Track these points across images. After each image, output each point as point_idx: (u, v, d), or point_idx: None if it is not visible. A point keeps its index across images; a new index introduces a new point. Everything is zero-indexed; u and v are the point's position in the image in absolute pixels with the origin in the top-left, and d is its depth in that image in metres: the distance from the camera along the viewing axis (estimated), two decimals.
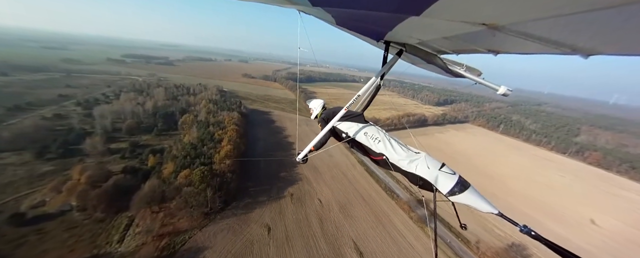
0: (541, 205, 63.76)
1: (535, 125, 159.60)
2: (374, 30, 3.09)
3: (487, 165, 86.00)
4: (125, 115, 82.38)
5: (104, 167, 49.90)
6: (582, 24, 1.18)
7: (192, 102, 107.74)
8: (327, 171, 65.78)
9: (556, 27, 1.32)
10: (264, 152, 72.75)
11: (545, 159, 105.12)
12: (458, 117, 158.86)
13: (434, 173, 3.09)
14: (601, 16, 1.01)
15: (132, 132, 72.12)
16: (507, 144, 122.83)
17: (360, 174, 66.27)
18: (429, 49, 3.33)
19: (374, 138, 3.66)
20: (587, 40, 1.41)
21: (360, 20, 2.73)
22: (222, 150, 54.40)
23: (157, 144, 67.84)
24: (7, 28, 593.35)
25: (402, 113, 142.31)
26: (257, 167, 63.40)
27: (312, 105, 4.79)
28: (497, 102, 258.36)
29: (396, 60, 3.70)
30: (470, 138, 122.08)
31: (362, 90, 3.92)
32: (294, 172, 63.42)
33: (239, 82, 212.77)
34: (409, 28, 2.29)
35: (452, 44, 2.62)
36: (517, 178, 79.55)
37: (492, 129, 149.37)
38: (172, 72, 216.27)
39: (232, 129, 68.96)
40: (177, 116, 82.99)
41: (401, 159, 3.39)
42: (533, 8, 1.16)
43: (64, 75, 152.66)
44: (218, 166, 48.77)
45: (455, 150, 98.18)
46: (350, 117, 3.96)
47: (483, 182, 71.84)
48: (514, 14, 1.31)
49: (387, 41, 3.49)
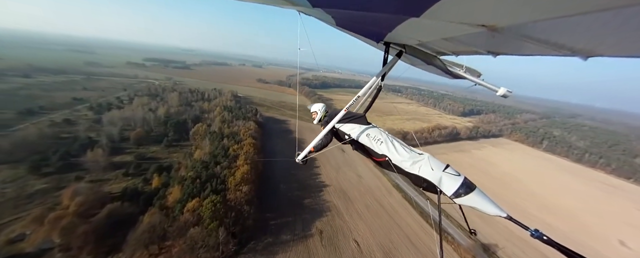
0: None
1: (583, 143, 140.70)
2: (374, 32, 3.07)
3: (547, 194, 71.69)
4: (135, 123, 76.30)
5: (100, 190, 42.14)
6: (580, 26, 1.18)
7: (206, 109, 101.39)
8: (358, 198, 55.10)
9: (555, 28, 1.33)
10: (283, 169, 63.39)
11: (610, 186, 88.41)
12: (492, 131, 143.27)
13: (438, 175, 2.99)
14: (600, 18, 1.01)
15: (140, 142, 65.30)
16: (557, 165, 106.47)
17: (399, 203, 54.99)
18: (429, 50, 3.33)
19: (377, 140, 3.59)
20: (586, 42, 1.42)
21: (360, 21, 2.75)
22: (238, 171, 45.42)
23: (165, 158, 60.31)
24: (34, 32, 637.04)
25: (431, 125, 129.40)
26: (276, 190, 53.90)
27: (314, 109, 4.66)
28: (528, 113, 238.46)
29: (396, 61, 3.68)
30: (512, 157, 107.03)
31: (362, 91, 3.87)
32: (319, 198, 53.29)
33: (253, 87, 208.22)
34: (408, 29, 2.30)
35: (451, 45, 2.61)
36: (589, 212, 64.93)
37: (533, 145, 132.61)
38: (188, 76, 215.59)
39: (249, 143, 60.28)
40: (189, 125, 75.91)
41: (404, 160, 3.30)
42: (532, 10, 1.16)
43: (84, 77, 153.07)
44: (233, 195, 39.64)
45: (503, 172, 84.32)
46: (353, 119, 3.92)
47: (556, 222, 58.25)
48: (513, 15, 1.32)
49: (387, 42, 3.45)
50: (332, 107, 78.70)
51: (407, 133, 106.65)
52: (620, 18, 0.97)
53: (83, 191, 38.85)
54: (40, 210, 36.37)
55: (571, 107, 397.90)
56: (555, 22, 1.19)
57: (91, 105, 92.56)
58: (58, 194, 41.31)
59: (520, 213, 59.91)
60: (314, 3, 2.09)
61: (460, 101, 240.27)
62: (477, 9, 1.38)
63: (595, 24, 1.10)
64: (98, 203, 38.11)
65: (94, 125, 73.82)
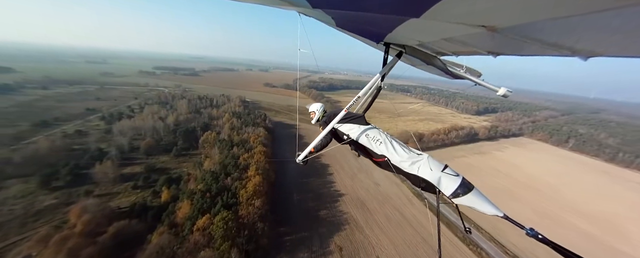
0: None
1: (612, 140, 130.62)
2: (374, 32, 3.09)
3: (583, 200, 65.30)
4: (145, 132, 75.63)
5: (108, 206, 40.43)
6: (580, 26, 1.18)
7: (215, 115, 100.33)
8: (377, 208, 51.30)
9: (555, 29, 1.33)
10: (294, 177, 60.49)
11: None
12: (511, 130, 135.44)
13: (437, 175, 3.03)
14: (600, 18, 1.01)
15: (149, 152, 64.12)
16: (588, 166, 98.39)
17: (422, 213, 50.77)
18: (429, 50, 3.33)
19: (376, 140, 3.62)
20: (587, 42, 1.42)
21: (360, 22, 2.77)
22: (250, 183, 42.78)
23: (175, 168, 58.63)
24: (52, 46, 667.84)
25: (447, 126, 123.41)
26: (289, 200, 50.97)
27: (312, 109, 4.63)
28: (547, 110, 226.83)
29: (396, 61, 3.70)
30: (538, 158, 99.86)
31: (362, 92, 3.87)
32: (336, 209, 49.89)
33: (261, 91, 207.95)
34: (408, 30, 2.30)
35: (451, 45, 2.62)
36: (632, 219, 58.29)
37: (558, 144, 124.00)
38: (197, 82, 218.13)
39: (259, 151, 57.78)
40: (198, 133, 74.50)
41: (403, 161, 3.33)
42: (532, 10, 1.16)
43: (97, 87, 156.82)
44: (245, 210, 36.89)
45: (529, 175, 78.06)
46: (352, 119, 3.93)
47: (597, 231, 52.39)
48: (512, 16, 1.33)
49: (387, 43, 3.46)
50: (340, 108, 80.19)
51: (422, 135, 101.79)
52: (621, 18, 0.97)
53: (91, 208, 37.13)
54: (47, 229, 34.84)
55: (590, 102, 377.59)
56: (555, 22, 1.19)
57: (103, 115, 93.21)
58: (67, 210, 39.91)
59: (557, 222, 54.31)
60: (314, 4, 2.10)
61: (473, 99, 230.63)
62: (477, 10, 1.38)
63: (596, 24, 1.10)
64: (106, 220, 36.27)
65: (105, 136, 73.61)
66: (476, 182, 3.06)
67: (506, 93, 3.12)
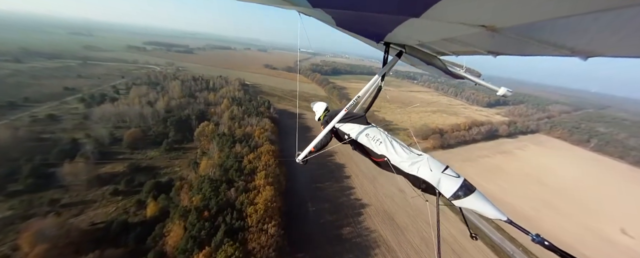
0: None
1: (634, 141, 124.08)
2: (374, 32, 3.10)
3: (633, 214, 58.54)
4: (131, 119, 64.81)
5: (76, 226, 31.10)
6: (580, 26, 1.19)
7: (212, 101, 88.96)
8: (409, 224, 43.45)
9: (555, 29, 1.34)
10: (306, 182, 51.82)
11: None
12: (530, 127, 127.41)
13: (437, 176, 2.97)
14: (600, 18, 1.00)
15: (134, 145, 54.00)
16: (616, 171, 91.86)
17: (461, 232, 43.22)
18: (429, 50, 3.28)
19: (376, 140, 3.58)
20: (587, 42, 1.42)
21: (360, 21, 2.78)
22: (259, 197, 33.78)
23: (165, 168, 49.07)
24: (32, 14, 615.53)
25: (463, 119, 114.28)
26: (304, 213, 42.61)
27: (315, 108, 4.67)
28: (559, 104, 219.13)
29: (396, 61, 3.67)
30: (563, 160, 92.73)
31: (363, 91, 3.86)
32: (361, 226, 41.84)
33: (261, 73, 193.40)
34: (408, 29, 2.32)
35: (451, 45, 2.61)
36: None
37: (579, 143, 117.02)
38: (191, 60, 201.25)
39: (267, 150, 48.24)
40: (193, 123, 63.98)
41: (403, 161, 3.28)
42: (532, 10, 1.16)
43: (79, 63, 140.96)
44: (256, 239, 28.19)
45: (562, 181, 70.90)
46: (353, 119, 3.91)
47: None
48: (512, 16, 1.33)
49: (387, 42, 3.46)
50: (347, 96, 56.58)
51: (443, 130, 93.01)
52: (621, 18, 0.97)
53: (50, 233, 27.83)
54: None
55: (593, 97, 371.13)
56: (555, 22, 1.19)
57: (83, 96, 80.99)
58: (22, 228, 30.72)
59: (615, 244, 47.55)
60: (314, 4, 2.12)
61: (483, 90, 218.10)
62: (477, 10, 1.38)
63: (596, 25, 1.10)
64: (71, 249, 27.34)
65: (83, 123, 62.66)
66: (509, 191, 1.88)
67: (506, 93, 3.22)
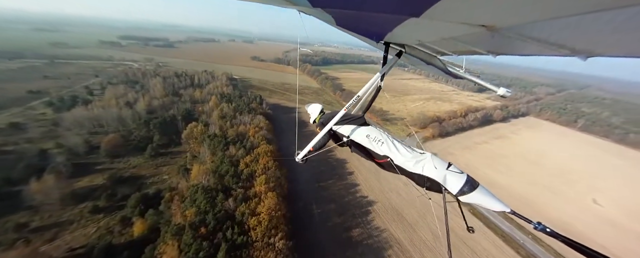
0: None
1: (616, 119, 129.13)
2: (374, 32, 3.12)
3: (628, 195, 59.90)
4: (108, 123, 58.57)
5: (50, 255, 26.71)
6: (581, 26, 1.18)
7: (199, 98, 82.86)
8: (418, 220, 41.65)
9: (555, 29, 1.33)
10: (308, 181, 48.84)
11: None
12: (520, 110, 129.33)
13: (442, 173, 2.98)
14: (601, 18, 1.00)
15: (114, 153, 48.60)
16: (603, 149, 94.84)
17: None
18: (429, 50, 3.33)
19: (377, 141, 3.52)
20: (587, 42, 1.42)
21: (360, 21, 2.79)
22: (262, 207, 30.42)
23: (152, 176, 44.40)
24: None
25: (456, 106, 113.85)
26: (310, 217, 39.81)
27: (310, 110, 4.65)
28: (543, 86, 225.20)
29: (396, 61, 3.68)
30: (555, 141, 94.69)
31: (362, 91, 3.82)
32: (370, 225, 39.61)
33: (248, 66, 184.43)
34: (408, 29, 2.33)
35: (451, 45, 2.63)
36: None
37: (567, 124, 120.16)
38: (172, 55, 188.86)
39: (265, 150, 44.47)
40: (180, 124, 58.64)
41: (407, 160, 3.26)
42: (532, 10, 1.16)
43: (46, 62, 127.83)
44: (263, 255, 25.06)
45: (558, 163, 71.83)
46: (351, 120, 3.83)
47: None
48: (513, 15, 1.32)
49: (387, 42, 3.46)
50: (340, 87, 52.69)
51: (441, 118, 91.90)
52: (621, 18, 0.96)
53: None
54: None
55: (573, 77, 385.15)
56: (555, 22, 1.19)
57: (51, 99, 72.75)
58: None
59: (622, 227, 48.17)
60: (314, 3, 2.12)
61: None
62: (477, 9, 1.38)
63: (596, 24, 1.09)
64: None
65: (53, 130, 55.94)
66: (509, 177, 2.06)
67: (505, 93, 3.27)
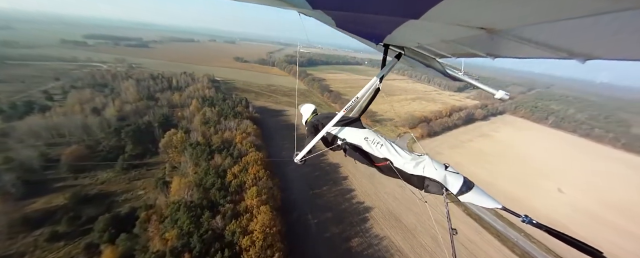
0: None
1: (581, 115, 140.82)
2: (374, 34, 3.11)
3: (602, 188, 63.91)
4: (70, 133, 51.57)
5: None
6: (580, 29, 1.19)
7: (178, 102, 76.76)
8: (417, 224, 40.73)
9: (554, 31, 1.34)
10: (304, 189, 46.22)
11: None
12: (498, 108, 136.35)
13: (443, 174, 3.03)
14: (600, 21, 1.00)
15: (78, 167, 42.50)
16: (572, 145, 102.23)
17: (466, 224, 41.92)
18: (428, 52, 3.36)
19: (376, 143, 3.47)
20: (585, 45, 1.43)
21: (360, 23, 2.79)
22: (254, 224, 27.37)
23: (125, 193, 39.10)
24: None
25: (440, 105, 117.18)
26: (306, 228, 37.19)
27: (302, 110, 4.62)
28: (515, 85, 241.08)
29: (395, 63, 3.69)
30: (532, 139, 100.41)
31: (361, 93, 3.76)
32: (369, 233, 37.88)
33: (232, 67, 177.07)
34: (408, 31, 2.34)
35: (450, 47, 2.65)
36: None
37: (540, 121, 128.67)
38: (146, 55, 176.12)
39: (254, 158, 41.18)
40: (156, 132, 53.13)
41: (406, 163, 3.25)
42: (531, 12, 1.17)
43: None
44: None
45: (540, 161, 75.72)
46: (347, 122, 3.78)
47: None
48: (512, 18, 1.33)
49: (386, 44, 3.46)
50: (328, 88, 47.22)
51: (428, 119, 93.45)
52: (620, 21, 0.96)
53: None
54: None
55: (538, 76, 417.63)
56: (554, 24, 1.19)
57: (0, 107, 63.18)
58: None
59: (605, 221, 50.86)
60: (314, 5, 2.13)
61: None
62: (477, 12, 1.38)
63: (595, 27, 1.10)
64: None
65: (2, 142, 48.01)
66: (496, 173, 5.52)
67: (503, 96, 3.31)
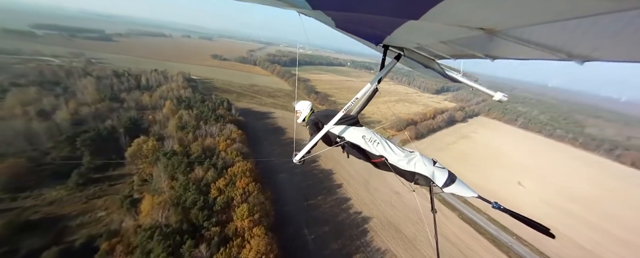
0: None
1: (544, 116, 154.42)
2: (373, 34, 3.14)
3: (572, 185, 68.84)
4: (7, 143, 41.99)
5: None
6: (579, 30, 1.19)
7: (149, 104, 68.08)
8: (417, 235, 39.11)
9: (553, 32, 1.34)
10: (296, 201, 42.42)
11: (596, 164, 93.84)
12: (474, 110, 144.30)
13: (431, 169, 3.29)
14: (599, 22, 1.00)
15: (16, 185, 34.11)
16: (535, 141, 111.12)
17: (466, 232, 41.41)
18: (427, 53, 3.39)
19: (373, 141, 3.66)
20: (584, 46, 1.43)
21: (360, 23, 2.80)
22: (247, 252, 23.16)
23: (81, 215, 31.85)
24: None
25: (422, 107, 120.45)
26: (303, 246, 33.54)
27: (298, 107, 4.53)
28: None
29: (394, 64, 3.71)
30: (506, 139, 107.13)
31: (360, 93, 3.87)
32: (370, 247, 35.34)
33: (209, 66, 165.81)
34: (407, 32, 2.35)
35: (449, 48, 2.67)
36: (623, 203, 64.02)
37: (510, 122, 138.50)
38: (109, 50, 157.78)
39: (242, 169, 36.52)
40: (122, 139, 45.44)
41: (400, 159, 3.46)
42: (531, 13, 1.17)
43: None
44: None
45: (516, 161, 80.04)
46: (345, 121, 3.88)
47: None
48: (512, 18, 1.33)
49: (385, 45, 3.49)
50: (314, 89, 43.20)
51: (415, 121, 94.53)
52: (621, 22, 0.96)
53: None
54: None
55: (502, 80, 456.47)
56: (554, 25, 1.19)
57: None
58: None
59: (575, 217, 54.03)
60: (314, 5, 2.13)
61: (430, 79, 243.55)
62: (476, 12, 1.38)
63: (594, 28, 1.09)
64: None
65: None
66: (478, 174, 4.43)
67: (502, 98, 3.35)
